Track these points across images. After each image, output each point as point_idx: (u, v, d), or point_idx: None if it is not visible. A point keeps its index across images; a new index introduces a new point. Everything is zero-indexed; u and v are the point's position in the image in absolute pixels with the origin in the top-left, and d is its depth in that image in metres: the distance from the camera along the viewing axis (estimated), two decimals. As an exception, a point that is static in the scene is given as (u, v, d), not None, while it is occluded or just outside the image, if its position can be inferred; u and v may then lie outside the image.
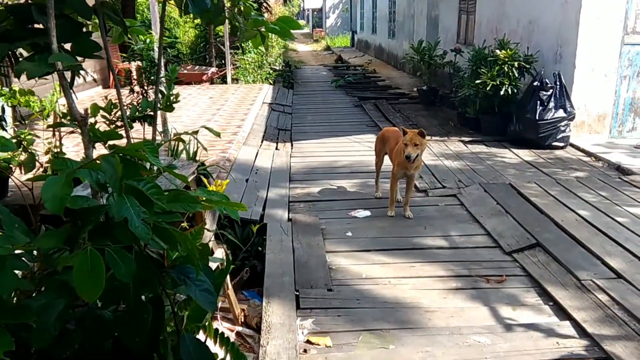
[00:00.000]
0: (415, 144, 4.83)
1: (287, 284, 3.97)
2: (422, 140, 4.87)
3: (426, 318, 3.59)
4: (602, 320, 3.43)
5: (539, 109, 7.41)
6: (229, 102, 11.27)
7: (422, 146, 4.89)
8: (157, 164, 1.54)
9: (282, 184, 6.27)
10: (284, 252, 4.48)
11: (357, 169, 6.93)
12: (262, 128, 9.14)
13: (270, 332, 3.37)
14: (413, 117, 10.25)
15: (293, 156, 7.65)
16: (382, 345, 3.29)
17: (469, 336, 3.37)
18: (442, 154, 7.44)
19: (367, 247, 4.68)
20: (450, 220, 5.22)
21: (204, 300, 1.59)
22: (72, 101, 1.94)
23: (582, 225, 4.82)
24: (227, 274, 2.07)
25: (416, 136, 4.84)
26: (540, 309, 3.71)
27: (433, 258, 4.45)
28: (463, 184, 6.14)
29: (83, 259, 1.35)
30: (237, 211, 2.60)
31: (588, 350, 3.20)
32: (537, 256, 4.37)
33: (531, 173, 6.50)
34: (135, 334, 1.50)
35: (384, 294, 3.89)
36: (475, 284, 4.04)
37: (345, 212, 5.47)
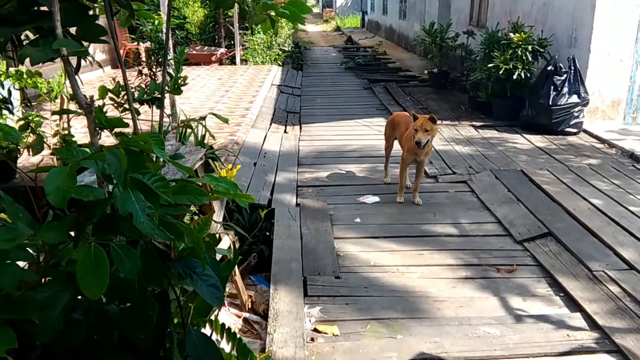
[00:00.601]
0: (426, 130, 4.75)
1: (295, 271, 3.94)
2: (433, 126, 4.79)
3: (435, 307, 3.56)
4: (613, 313, 3.38)
5: (552, 94, 7.28)
6: (238, 83, 11.19)
7: (432, 132, 4.81)
8: (164, 156, 1.49)
9: (290, 168, 6.22)
10: (291, 238, 4.44)
11: (366, 153, 6.86)
12: (270, 110, 9.07)
13: (278, 319, 3.35)
14: (423, 100, 10.12)
15: (301, 140, 7.59)
16: (390, 335, 3.26)
17: (478, 327, 3.33)
18: (453, 139, 7.35)
19: (375, 233, 4.64)
20: (460, 207, 5.16)
21: (211, 296, 1.56)
22: (78, 87, 1.89)
23: (594, 214, 4.75)
24: (235, 266, 2.04)
25: (427, 122, 4.76)
26: (551, 300, 3.66)
27: (442, 246, 4.40)
28: (474, 170, 6.07)
29: (87, 255, 1.31)
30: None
31: (599, 343, 3.16)
32: (549, 245, 4.31)
33: (543, 160, 6.41)
34: (140, 330, 1.47)
35: (393, 282, 3.85)
36: (485, 274, 4.00)
37: (354, 197, 5.43)
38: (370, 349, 3.12)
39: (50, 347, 1.57)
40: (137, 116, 2.42)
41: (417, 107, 9.46)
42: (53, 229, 1.49)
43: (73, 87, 1.92)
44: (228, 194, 2.03)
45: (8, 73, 4.59)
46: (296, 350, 3.06)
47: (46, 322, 1.45)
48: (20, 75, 4.76)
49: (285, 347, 3.09)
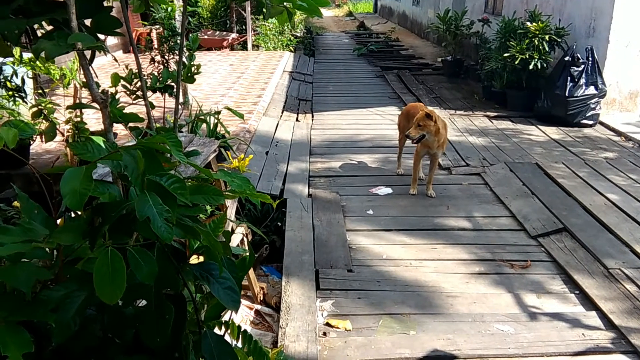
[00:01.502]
0: (419, 125, 4.74)
1: (307, 263, 3.92)
2: (428, 122, 4.77)
3: (448, 303, 3.53)
4: (630, 312, 3.34)
5: (569, 85, 7.17)
6: (249, 69, 11.12)
7: (426, 128, 4.79)
8: (182, 159, 1.46)
9: (302, 158, 6.18)
10: (303, 230, 4.42)
11: (379, 143, 6.81)
12: (282, 98, 9.02)
13: (290, 313, 3.34)
14: (436, 89, 10.01)
15: (313, 128, 7.54)
16: (402, 331, 3.24)
17: (492, 324, 3.30)
18: (467, 130, 7.27)
19: (388, 226, 4.60)
20: (474, 201, 5.10)
21: (228, 299, 1.54)
22: (92, 81, 1.86)
23: (611, 210, 4.68)
24: (251, 266, 2.01)
25: (422, 118, 4.76)
26: (566, 298, 3.62)
27: (455, 240, 4.36)
28: (488, 162, 6.00)
29: (103, 260, 1.29)
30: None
31: (615, 343, 3.12)
32: (564, 241, 4.25)
33: (558, 152, 6.32)
34: (156, 334, 1.45)
35: (405, 277, 3.83)
36: (499, 269, 3.96)
37: (366, 188, 5.39)
38: (382, 344, 3.10)
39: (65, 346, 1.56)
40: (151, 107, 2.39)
41: (430, 95, 9.36)
42: (68, 230, 1.47)
43: (88, 81, 1.88)
44: (242, 193, 2.00)
45: (22, 60, 4.57)
46: (308, 345, 3.05)
47: (62, 323, 1.44)
48: (33, 62, 4.74)
49: (297, 341, 3.08)
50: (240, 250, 1.99)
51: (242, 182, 2.54)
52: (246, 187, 2.52)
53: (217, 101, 8.32)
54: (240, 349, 1.76)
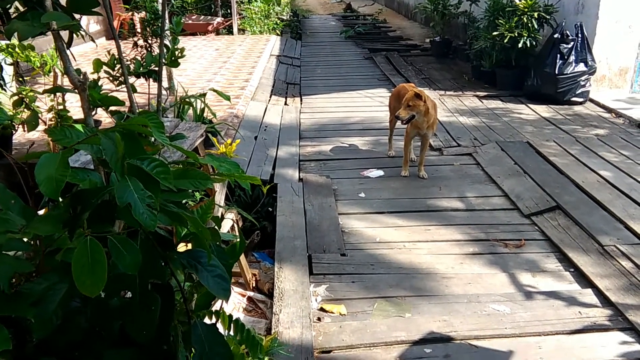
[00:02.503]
0: (409, 105, 4.68)
1: (300, 248, 3.86)
2: (417, 102, 4.71)
3: (443, 285, 3.49)
4: (626, 289, 3.32)
5: (558, 62, 7.11)
6: (236, 54, 10.96)
7: (415, 108, 4.73)
8: (165, 141, 1.38)
9: (292, 142, 6.10)
10: (295, 214, 4.36)
11: (369, 125, 6.73)
12: (270, 82, 8.89)
13: (283, 299, 3.28)
14: (425, 70, 9.92)
15: (302, 112, 7.44)
16: (397, 314, 3.20)
17: (488, 304, 3.27)
18: (457, 110, 7.21)
19: (380, 208, 4.55)
20: (466, 181, 5.06)
21: (217, 288, 1.47)
22: (70, 64, 1.77)
23: (603, 186, 4.65)
24: (242, 252, 1.94)
25: (411, 98, 4.70)
26: (561, 276, 3.59)
27: (449, 221, 4.32)
28: (479, 142, 5.95)
29: (82, 250, 1.21)
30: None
31: (612, 320, 3.10)
32: (557, 219, 4.22)
33: (549, 130, 6.28)
34: (142, 326, 1.38)
35: (399, 259, 3.78)
36: (493, 249, 3.92)
37: (358, 171, 5.32)
38: (378, 328, 3.06)
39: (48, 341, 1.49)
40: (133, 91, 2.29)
41: (419, 77, 9.28)
42: (47, 220, 1.39)
43: (65, 64, 1.79)
44: (231, 176, 1.93)
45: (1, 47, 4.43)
46: (303, 330, 3.00)
47: (42, 317, 1.36)
48: (12, 49, 4.60)
49: (291, 327, 3.02)
50: (230, 237, 1.92)
51: (231, 166, 2.46)
52: (235, 170, 2.44)
53: (203, 86, 8.19)
54: (233, 338, 1.70)
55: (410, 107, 4.76)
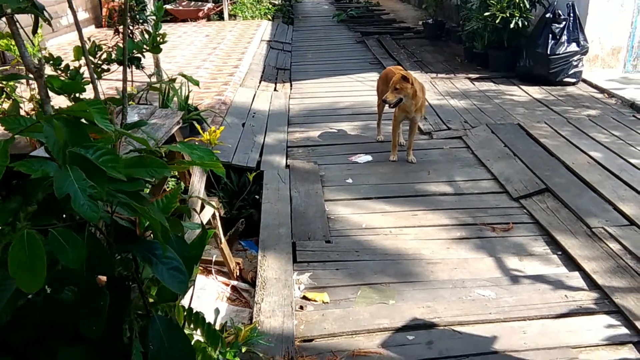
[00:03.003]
0: (396, 89, 4.60)
1: (284, 236, 3.81)
2: (405, 85, 4.63)
3: (428, 270, 3.44)
4: (613, 271, 3.27)
5: (550, 42, 7.01)
6: (226, 40, 10.83)
7: (403, 91, 4.64)
8: (107, 127, 1.31)
9: (280, 128, 6.02)
10: (281, 202, 4.30)
11: (359, 110, 6.64)
12: (260, 68, 8.79)
13: (265, 288, 3.23)
14: (418, 53, 9.81)
15: (292, 97, 7.35)
16: (381, 301, 3.15)
17: (473, 289, 3.22)
18: (448, 93, 7.12)
19: (367, 194, 4.49)
20: (455, 165, 4.99)
21: (172, 281, 1.40)
22: (24, 49, 1.70)
23: (593, 168, 4.59)
24: (205, 244, 1.88)
25: (399, 80, 4.61)
26: (549, 259, 3.54)
27: (436, 205, 4.26)
28: (469, 124, 5.87)
29: (19, 245, 1.15)
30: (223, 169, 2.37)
31: (598, 303, 3.05)
32: (546, 202, 4.17)
33: (541, 112, 6.20)
34: (91, 322, 1.33)
35: (385, 245, 3.73)
36: (481, 233, 3.87)
37: (346, 157, 5.25)
38: (361, 315, 3.01)
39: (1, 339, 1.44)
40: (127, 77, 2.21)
41: (411, 60, 9.17)
42: (-8, 214, 1.33)
43: (19, 49, 1.72)
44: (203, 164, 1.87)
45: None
46: (284, 319, 2.95)
47: (-10, 316, 1.31)
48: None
49: (273, 316, 2.98)
50: (194, 227, 1.85)
51: (204, 153, 2.38)
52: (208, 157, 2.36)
53: (192, 73, 8.07)
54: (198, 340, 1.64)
55: (397, 90, 4.68)
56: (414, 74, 8.06)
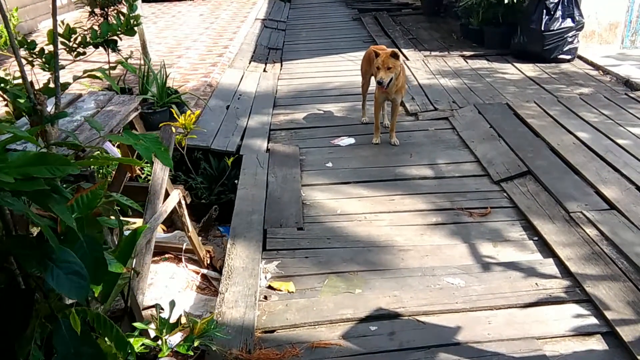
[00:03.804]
0: (389, 67, 4.45)
1: (256, 223, 3.74)
2: (396, 62, 4.48)
3: (399, 258, 3.37)
4: (587, 259, 3.18)
5: (544, 18, 6.80)
6: (220, 19, 10.68)
7: (396, 69, 4.50)
8: None
9: (265, 110, 5.92)
10: (256, 187, 4.22)
11: (347, 91, 6.51)
12: (251, 48, 8.65)
13: (231, 277, 3.18)
14: (414, 30, 9.61)
15: (281, 78, 7.22)
16: (347, 290, 3.09)
17: (442, 277, 3.15)
18: (440, 72, 6.96)
19: (346, 178, 4.40)
20: (439, 147, 4.88)
21: (70, 287, 1.34)
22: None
23: (579, 149, 4.47)
24: (136, 242, 1.81)
25: (388, 58, 4.45)
26: (524, 245, 3.45)
27: (415, 190, 4.17)
28: (457, 105, 5.74)
29: None
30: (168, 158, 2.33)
31: (568, 292, 2.97)
32: (527, 185, 4.06)
33: (532, 91, 6.05)
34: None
35: (357, 232, 3.65)
36: (457, 218, 3.78)
37: (329, 140, 5.15)
38: (324, 305, 2.96)
39: None
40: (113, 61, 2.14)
41: (406, 37, 8.99)
42: None
43: None
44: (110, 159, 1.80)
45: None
46: (246, 310, 2.90)
47: None
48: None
49: (235, 307, 2.93)
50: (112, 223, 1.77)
51: (152, 143, 2.29)
52: (156, 147, 2.28)
53: (181, 54, 7.99)
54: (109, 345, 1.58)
55: (390, 69, 4.51)
56: (407, 52, 7.96)
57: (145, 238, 3.03)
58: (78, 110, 2.89)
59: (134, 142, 2.25)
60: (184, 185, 4.69)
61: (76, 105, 2.94)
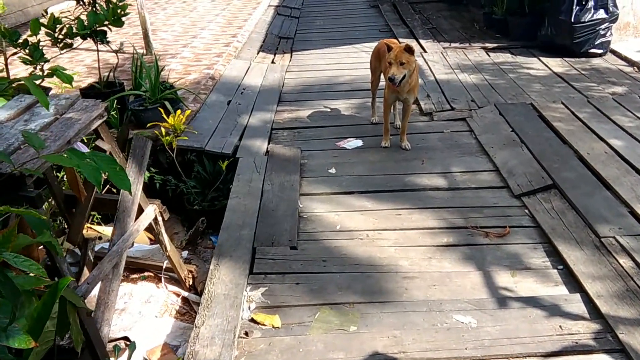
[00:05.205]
0: (402, 63, 4.00)
1: (245, 240, 3.36)
2: (410, 57, 4.02)
3: (402, 287, 2.96)
4: (620, 297, 2.73)
5: (575, 8, 6.24)
6: (231, 5, 10.28)
7: (409, 65, 4.04)
8: None
9: (268, 107, 5.52)
10: (250, 196, 3.84)
11: (359, 86, 6.07)
12: (261, 37, 8.24)
13: (210, 307, 2.81)
14: (434, 19, 9.08)
15: (289, 71, 6.80)
16: (341, 327, 2.70)
17: (451, 314, 2.74)
18: (459, 66, 6.46)
19: (350, 187, 3.99)
20: (454, 152, 4.43)
21: None
22: None
23: (611, 160, 3.98)
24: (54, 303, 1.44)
25: (402, 53, 4.00)
26: (546, 275, 3.01)
27: (425, 203, 3.75)
28: (476, 104, 5.26)
29: None
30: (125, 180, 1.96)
31: (598, 338, 2.53)
32: (552, 201, 3.61)
33: (560, 89, 5.53)
34: None
35: (357, 254, 3.25)
36: (471, 239, 3.35)
37: (334, 141, 4.74)
38: (313, 346, 2.57)
39: None
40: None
41: (425, 27, 8.47)
42: None
43: None
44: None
45: None
46: (222, 350, 2.53)
47: None
48: None
49: (210, 345, 2.56)
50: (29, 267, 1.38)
51: (104, 162, 1.95)
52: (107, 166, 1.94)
53: (187, 43, 7.61)
54: None
55: (403, 64, 4.06)
56: (425, 44, 7.47)
57: (112, 263, 2.67)
58: (34, 118, 2.52)
59: (77, 164, 1.88)
60: (175, 190, 4.34)
61: (33, 111, 2.57)
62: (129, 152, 3.00)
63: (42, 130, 2.41)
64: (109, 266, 2.65)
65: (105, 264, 2.63)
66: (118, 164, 1.98)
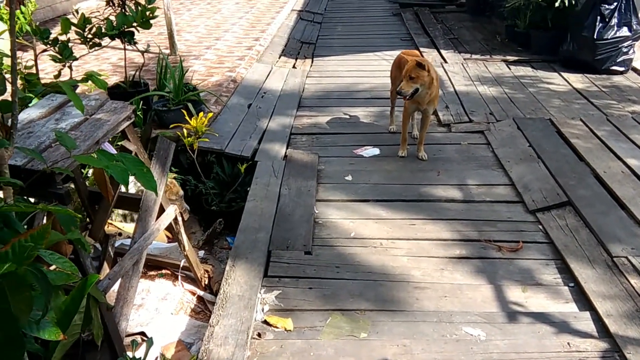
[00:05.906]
0: (411, 77, 4.06)
1: (261, 243, 3.43)
2: (421, 73, 4.09)
3: (413, 297, 3.01)
4: (630, 317, 2.76)
5: (598, 25, 6.25)
6: (255, 8, 10.39)
7: (420, 80, 4.11)
8: None
9: (288, 112, 5.60)
10: (267, 200, 3.91)
11: (378, 94, 6.12)
12: (283, 41, 8.33)
13: (225, 307, 2.88)
14: (456, 29, 9.11)
15: (310, 76, 6.88)
16: (351, 333, 2.75)
17: (461, 326, 2.78)
18: (479, 78, 6.49)
19: (365, 195, 4.05)
20: (471, 164, 4.47)
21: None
22: None
23: (628, 179, 3.99)
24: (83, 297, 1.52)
25: (413, 68, 4.07)
26: (557, 292, 3.04)
27: (439, 214, 3.79)
28: (494, 117, 5.29)
29: None
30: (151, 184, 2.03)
31: (606, 357, 2.56)
32: (566, 218, 3.63)
33: (579, 105, 5.54)
34: None
35: (370, 261, 3.31)
36: (484, 252, 3.39)
37: (351, 149, 4.80)
38: (324, 351, 2.63)
39: None
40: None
41: (446, 37, 8.50)
42: None
43: None
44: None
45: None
46: (235, 350, 2.60)
47: None
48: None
49: (224, 345, 2.63)
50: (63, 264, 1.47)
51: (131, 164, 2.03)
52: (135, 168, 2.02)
53: (210, 45, 7.73)
54: None
55: (413, 79, 4.15)
56: (446, 54, 7.50)
57: (132, 260, 2.76)
58: (65, 117, 2.62)
59: (106, 165, 1.96)
60: (194, 191, 4.43)
61: (64, 110, 2.67)
62: (152, 151, 3.09)
63: (72, 130, 2.50)
64: (130, 263, 2.73)
65: (127, 261, 2.71)
66: (145, 165, 2.06)
